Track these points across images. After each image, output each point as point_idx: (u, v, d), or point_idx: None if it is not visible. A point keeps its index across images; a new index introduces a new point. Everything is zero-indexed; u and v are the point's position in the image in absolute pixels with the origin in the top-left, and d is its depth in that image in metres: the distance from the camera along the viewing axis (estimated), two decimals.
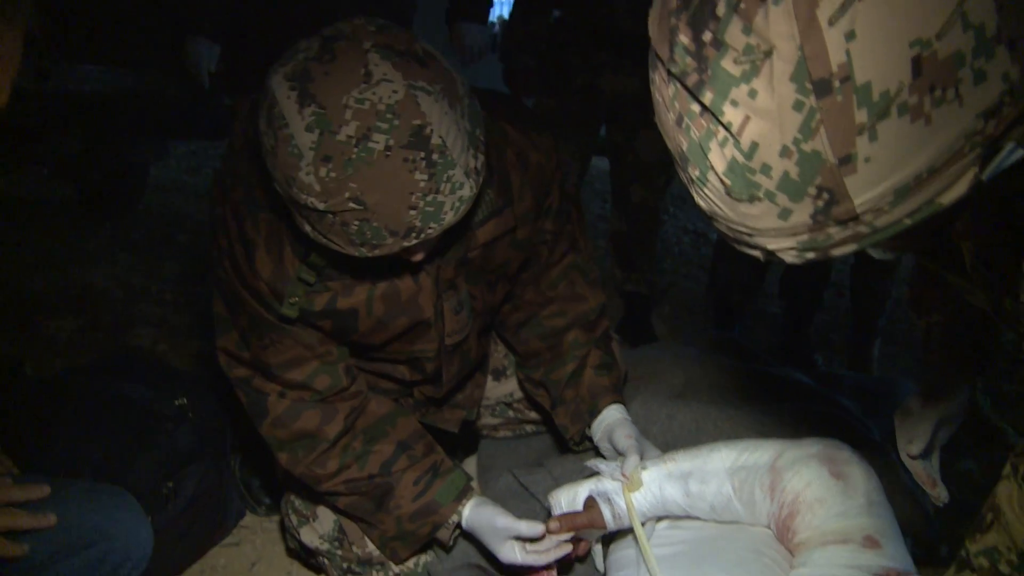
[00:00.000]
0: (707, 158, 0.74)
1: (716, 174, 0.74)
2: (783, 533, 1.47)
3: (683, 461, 1.55)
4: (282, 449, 1.57)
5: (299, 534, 1.73)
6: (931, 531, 1.71)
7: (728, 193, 0.74)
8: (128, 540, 1.47)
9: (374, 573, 1.68)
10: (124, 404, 1.91)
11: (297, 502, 1.73)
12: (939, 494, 1.50)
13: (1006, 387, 2.82)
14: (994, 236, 0.87)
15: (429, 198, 1.21)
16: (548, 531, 1.55)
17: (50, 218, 4.00)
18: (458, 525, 1.61)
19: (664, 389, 1.87)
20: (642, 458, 1.58)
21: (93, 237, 3.84)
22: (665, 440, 1.68)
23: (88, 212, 4.07)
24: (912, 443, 1.47)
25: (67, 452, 1.78)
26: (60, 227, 3.90)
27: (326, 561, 1.73)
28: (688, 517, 1.55)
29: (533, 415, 1.95)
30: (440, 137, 1.19)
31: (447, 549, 1.67)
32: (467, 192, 1.26)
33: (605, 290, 1.87)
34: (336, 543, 1.69)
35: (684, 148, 0.76)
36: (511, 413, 1.97)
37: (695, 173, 0.77)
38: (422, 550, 1.68)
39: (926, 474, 1.51)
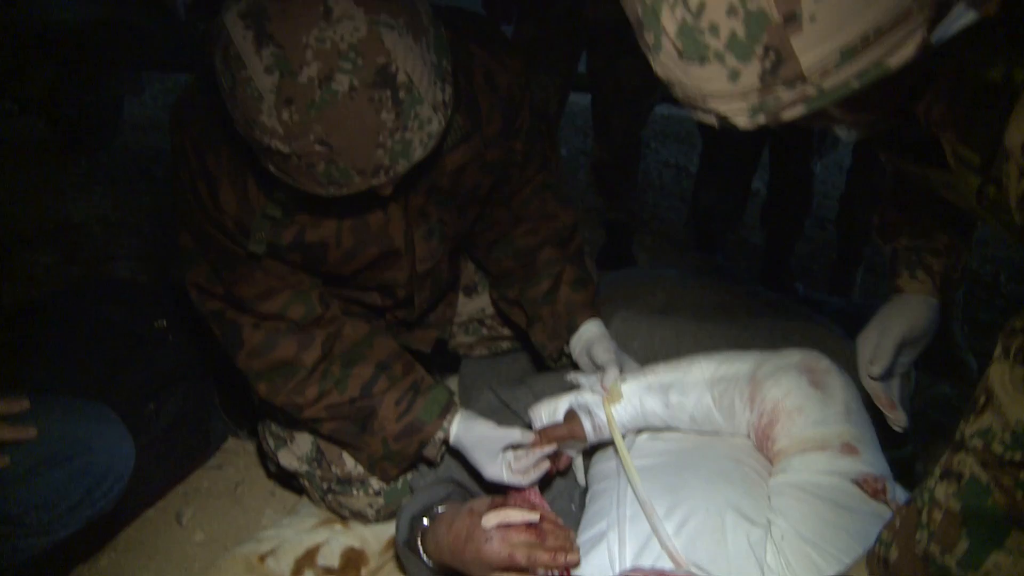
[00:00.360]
0: (659, 21, 0.77)
1: (668, 37, 0.77)
2: (762, 442, 1.49)
3: (663, 373, 1.56)
4: (260, 379, 1.57)
5: (277, 457, 1.73)
6: (906, 445, 1.73)
7: (680, 56, 0.77)
8: (110, 453, 1.47)
9: (355, 491, 1.69)
10: (103, 326, 1.90)
11: (273, 426, 1.73)
12: (898, 417, 1.51)
13: (982, 316, 2.84)
14: (974, 120, 0.86)
15: (397, 136, 1.19)
16: (534, 442, 1.56)
17: (23, 154, 3.93)
18: (444, 441, 1.62)
19: (644, 307, 1.88)
20: (622, 371, 1.59)
21: (68, 172, 3.78)
22: (645, 355, 1.69)
23: (62, 148, 3.99)
24: (873, 364, 1.48)
25: (46, 374, 1.77)
26: (34, 163, 3.83)
27: (306, 482, 1.74)
28: (668, 429, 1.57)
29: (506, 331, 1.95)
30: (406, 74, 1.16)
31: (434, 466, 1.68)
32: (435, 127, 1.23)
33: (587, 222, 1.86)
34: (315, 464, 1.69)
35: (639, 13, 0.79)
36: (484, 331, 1.97)
37: (651, 39, 0.80)
38: (411, 468, 1.70)
39: (885, 396, 1.51)
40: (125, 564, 1.82)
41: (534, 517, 1.34)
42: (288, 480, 1.86)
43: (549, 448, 1.55)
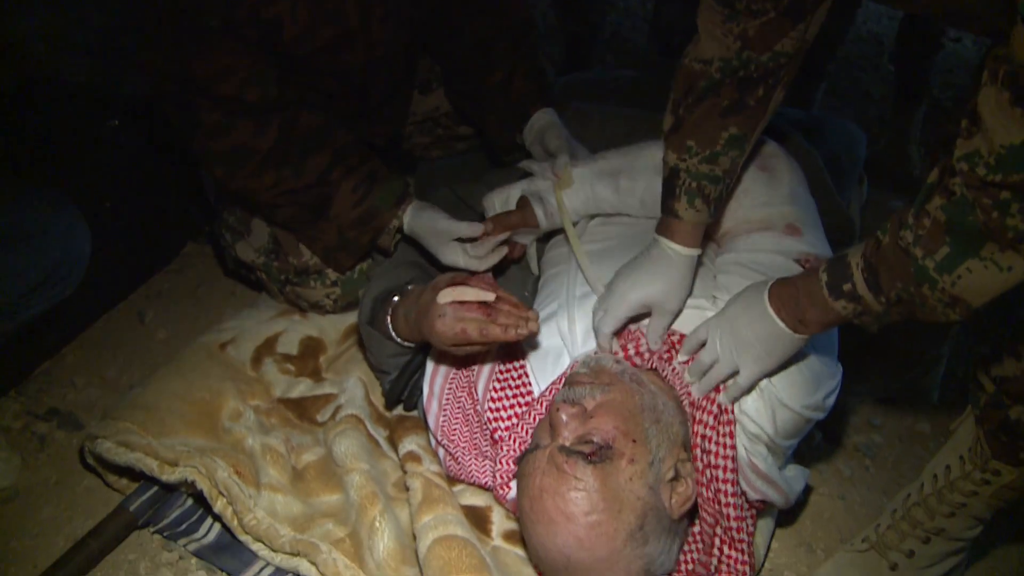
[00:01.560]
0: None
1: None
2: (710, 225, 1.52)
3: (613, 159, 1.57)
4: (217, 163, 1.55)
5: (234, 250, 1.74)
6: (850, 228, 1.78)
7: None
8: (66, 236, 1.48)
9: (312, 282, 1.72)
10: (55, 126, 1.87)
11: (231, 219, 1.73)
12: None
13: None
14: None
15: None
16: (484, 232, 1.58)
17: None
18: (399, 230, 1.64)
19: (598, 100, 1.87)
20: (573, 158, 1.60)
21: None
22: (596, 146, 1.69)
23: None
24: (602, 324, 1.39)
25: None
26: None
27: (264, 275, 1.75)
28: (619, 214, 1.59)
29: (462, 130, 1.95)
30: None
31: (389, 256, 1.71)
32: None
33: (549, 40, 1.82)
34: (272, 255, 1.71)
35: None
36: (440, 131, 1.96)
37: None
38: (365, 257, 1.72)
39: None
40: (90, 360, 1.86)
41: (489, 296, 1.38)
42: (247, 277, 1.88)
43: (502, 236, 1.58)
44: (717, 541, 1.26)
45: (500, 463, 1.33)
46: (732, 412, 1.25)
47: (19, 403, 1.71)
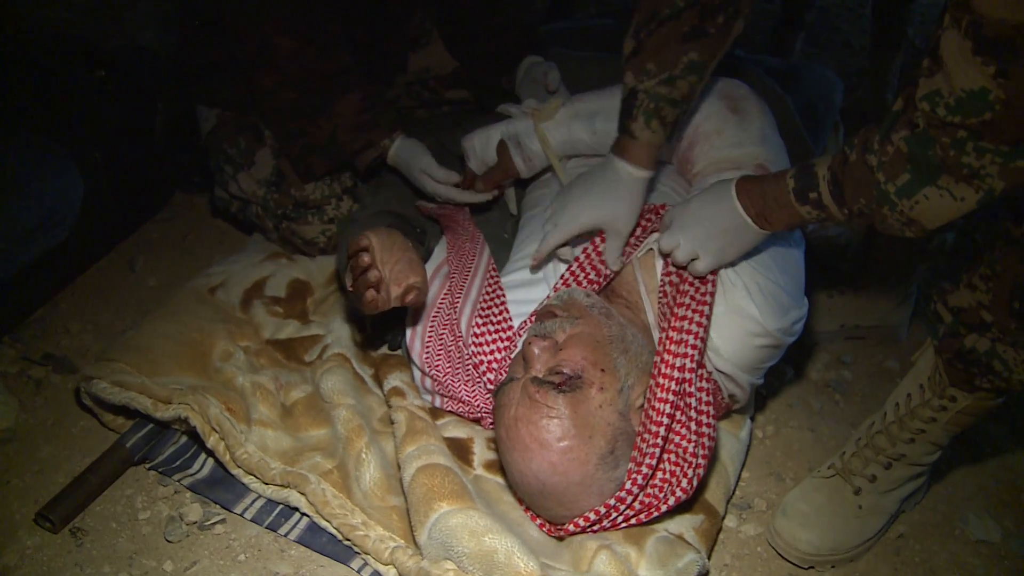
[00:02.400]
0: None
1: None
2: (683, 165, 1.57)
3: (590, 101, 1.61)
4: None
5: (237, 179, 1.77)
6: None
7: None
8: (59, 180, 1.50)
9: (309, 217, 1.77)
10: (42, 76, 1.88)
11: (232, 151, 1.76)
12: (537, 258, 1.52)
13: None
14: None
15: None
16: (475, 191, 1.64)
17: None
18: (382, 156, 1.68)
19: (577, 46, 1.91)
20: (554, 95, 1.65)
21: None
22: (574, 89, 1.72)
23: None
24: (539, 248, 1.46)
25: None
26: None
27: (260, 210, 1.79)
28: (595, 155, 1.63)
29: (450, 94, 1.98)
30: None
31: (358, 175, 1.78)
32: None
33: None
34: (273, 188, 1.75)
35: None
36: (427, 94, 1.99)
37: None
38: (337, 169, 1.76)
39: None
40: (83, 306, 1.90)
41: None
42: (238, 216, 1.90)
43: (489, 195, 1.65)
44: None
45: (485, 397, 1.40)
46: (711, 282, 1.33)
47: (15, 349, 1.75)
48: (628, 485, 1.22)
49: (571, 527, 1.25)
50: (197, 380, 1.52)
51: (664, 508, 1.24)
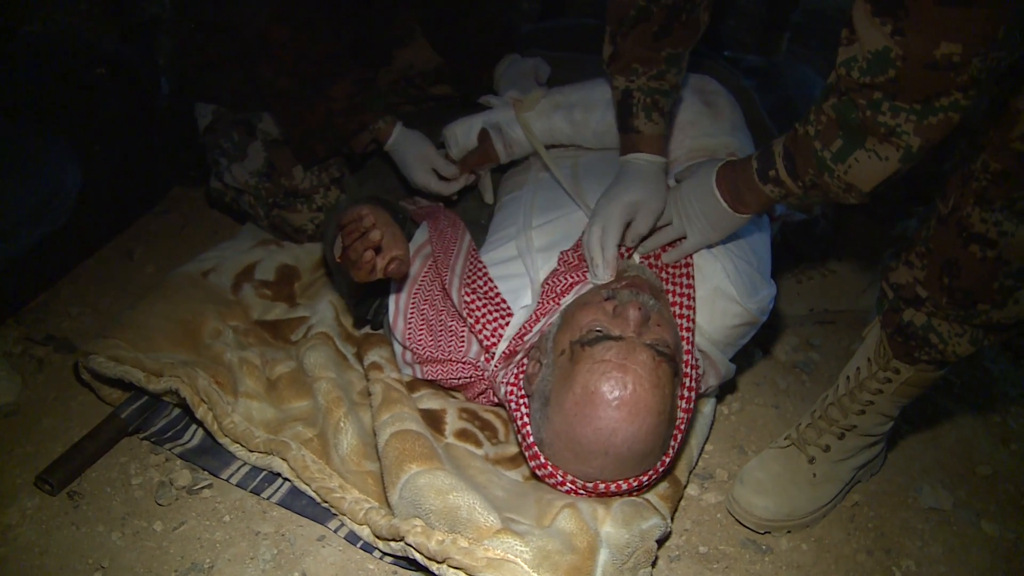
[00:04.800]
0: None
1: None
2: None
3: (569, 93, 1.70)
4: None
5: (231, 171, 1.87)
6: None
7: None
8: (58, 166, 1.59)
9: (299, 205, 1.86)
10: (44, 72, 1.97)
11: (227, 144, 1.86)
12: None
13: None
14: None
15: None
16: (453, 176, 1.74)
17: None
18: (376, 139, 1.78)
19: (554, 46, 1.99)
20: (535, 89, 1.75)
21: None
22: (551, 85, 1.81)
23: None
24: (601, 268, 1.46)
25: None
26: None
27: (252, 200, 1.89)
28: (574, 145, 1.72)
29: (434, 90, 2.06)
30: None
31: (355, 160, 1.87)
32: None
33: None
34: (264, 178, 1.84)
35: None
36: (412, 90, 2.07)
37: None
38: (335, 153, 1.85)
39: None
40: (84, 291, 1.99)
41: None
42: (232, 206, 2.00)
43: (464, 181, 1.77)
44: None
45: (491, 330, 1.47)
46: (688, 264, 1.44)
47: (18, 330, 1.85)
48: (658, 465, 1.32)
49: (601, 487, 1.32)
50: (188, 356, 1.61)
51: (646, 481, 1.33)
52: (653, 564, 1.34)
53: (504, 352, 1.44)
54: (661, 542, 1.40)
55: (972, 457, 1.70)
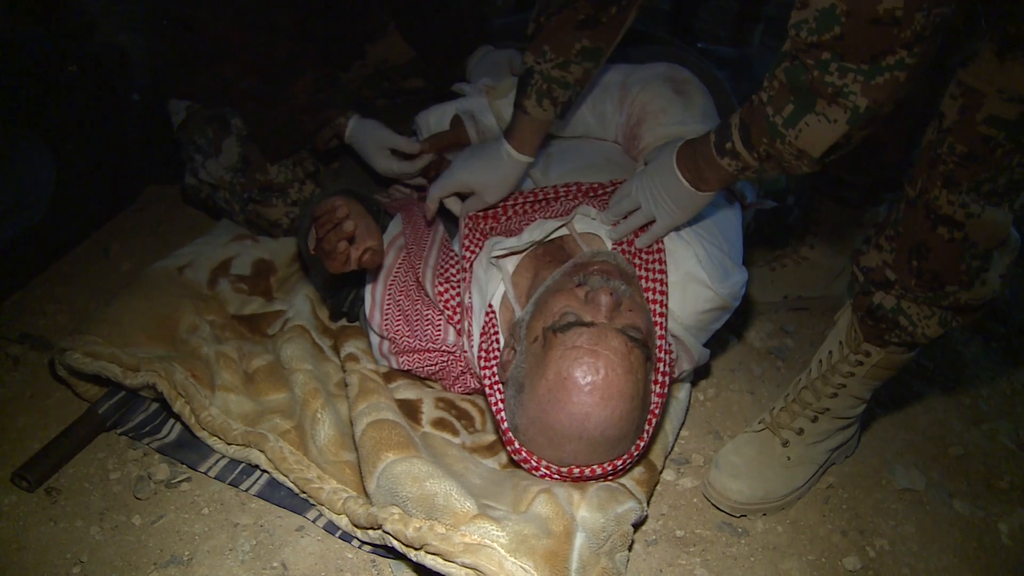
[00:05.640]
0: None
1: None
2: (629, 142, 1.66)
3: None
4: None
5: (206, 167, 1.86)
6: None
7: None
8: (32, 163, 1.58)
9: (273, 199, 1.86)
10: (15, 71, 1.96)
11: (201, 141, 1.86)
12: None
13: None
14: None
15: None
16: (420, 150, 1.74)
17: None
18: (338, 135, 1.79)
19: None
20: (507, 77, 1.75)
21: None
22: None
23: None
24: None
25: None
26: None
27: (227, 195, 1.88)
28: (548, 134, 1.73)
29: (408, 83, 2.06)
30: None
31: (320, 158, 1.89)
32: None
33: None
34: (239, 173, 1.84)
35: None
36: (385, 84, 2.08)
37: None
38: (299, 148, 1.87)
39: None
40: (59, 290, 1.98)
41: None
42: (207, 202, 1.99)
43: (431, 157, 1.76)
44: None
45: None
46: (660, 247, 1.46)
47: None
48: (632, 450, 1.33)
49: (576, 472, 1.32)
50: (165, 350, 1.61)
51: (620, 465, 1.34)
52: (630, 548, 1.35)
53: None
54: (637, 526, 1.42)
55: (944, 438, 1.73)
